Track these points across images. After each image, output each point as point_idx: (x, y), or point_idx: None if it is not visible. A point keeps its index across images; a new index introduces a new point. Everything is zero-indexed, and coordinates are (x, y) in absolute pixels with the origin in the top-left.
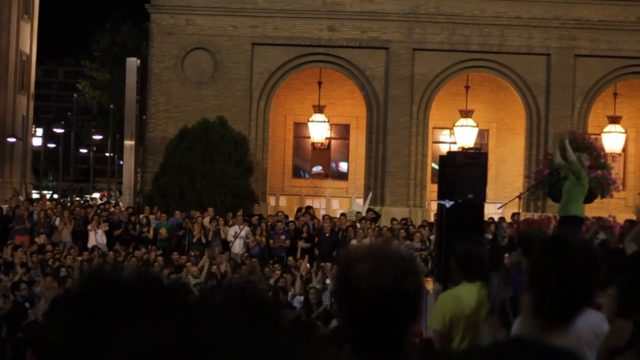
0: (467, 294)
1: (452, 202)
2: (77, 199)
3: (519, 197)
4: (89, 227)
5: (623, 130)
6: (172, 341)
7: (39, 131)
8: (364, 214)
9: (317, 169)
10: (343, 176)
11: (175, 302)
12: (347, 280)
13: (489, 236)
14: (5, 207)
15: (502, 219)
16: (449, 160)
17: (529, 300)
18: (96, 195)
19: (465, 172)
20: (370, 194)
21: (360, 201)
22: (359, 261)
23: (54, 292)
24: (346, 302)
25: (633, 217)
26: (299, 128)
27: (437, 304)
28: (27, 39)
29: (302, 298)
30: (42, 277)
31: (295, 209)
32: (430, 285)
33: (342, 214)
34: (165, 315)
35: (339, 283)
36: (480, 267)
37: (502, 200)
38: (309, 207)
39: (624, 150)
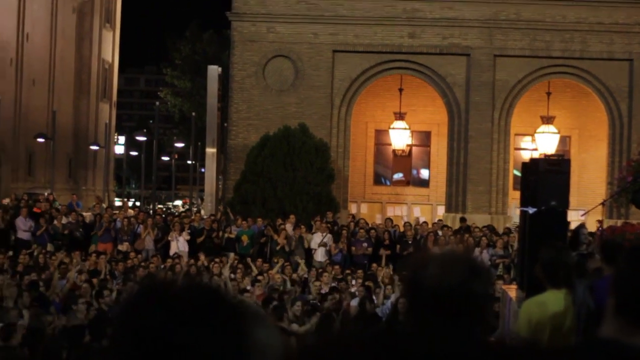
0: (553, 300)
1: (535, 209)
2: (160, 206)
3: (603, 204)
4: (170, 236)
5: None
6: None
7: (121, 139)
8: None
9: (398, 176)
10: (424, 183)
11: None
12: (417, 281)
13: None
14: (88, 214)
15: (582, 225)
16: (532, 167)
17: (612, 304)
18: (178, 202)
19: (548, 179)
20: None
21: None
22: (429, 263)
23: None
24: (415, 302)
25: None
26: (380, 135)
27: (522, 310)
28: (109, 48)
29: (386, 307)
30: (122, 284)
31: (376, 216)
32: (513, 292)
33: (424, 222)
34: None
35: (409, 284)
36: (565, 274)
37: (584, 207)
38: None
39: None
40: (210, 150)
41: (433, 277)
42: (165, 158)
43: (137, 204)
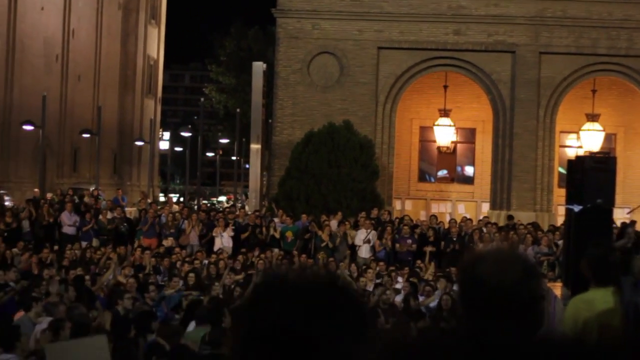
0: (601, 298)
1: (580, 207)
2: (204, 202)
3: None
4: (215, 232)
5: None
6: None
7: (166, 135)
8: None
9: (443, 172)
10: (469, 180)
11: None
12: (471, 278)
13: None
14: (132, 209)
15: (629, 222)
16: (578, 165)
17: None
18: (222, 198)
19: (593, 176)
20: None
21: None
22: (484, 260)
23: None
24: (468, 299)
25: None
26: (425, 132)
27: (568, 308)
28: (155, 44)
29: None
30: (169, 279)
31: (421, 213)
32: (558, 290)
33: (469, 219)
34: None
35: (462, 281)
36: (612, 272)
37: (630, 205)
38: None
39: None
40: (255, 147)
41: (487, 274)
42: (210, 154)
43: (182, 199)
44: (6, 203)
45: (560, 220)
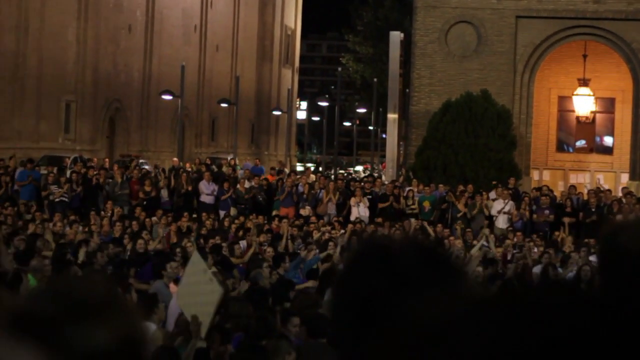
0: None
1: None
2: (341, 172)
3: None
4: (352, 201)
5: None
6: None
7: (303, 104)
8: None
9: (581, 143)
10: (608, 150)
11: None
12: (613, 247)
13: None
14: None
15: None
16: None
17: None
18: (359, 168)
19: None
20: None
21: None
22: (625, 229)
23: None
24: (609, 270)
25: None
26: (563, 101)
27: None
28: (292, 14)
29: (571, 275)
30: (305, 248)
31: (559, 183)
32: None
33: (608, 190)
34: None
35: (604, 250)
36: None
37: None
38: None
39: None
40: (392, 116)
41: (629, 243)
42: (347, 123)
43: (320, 169)
44: (148, 170)
45: None
